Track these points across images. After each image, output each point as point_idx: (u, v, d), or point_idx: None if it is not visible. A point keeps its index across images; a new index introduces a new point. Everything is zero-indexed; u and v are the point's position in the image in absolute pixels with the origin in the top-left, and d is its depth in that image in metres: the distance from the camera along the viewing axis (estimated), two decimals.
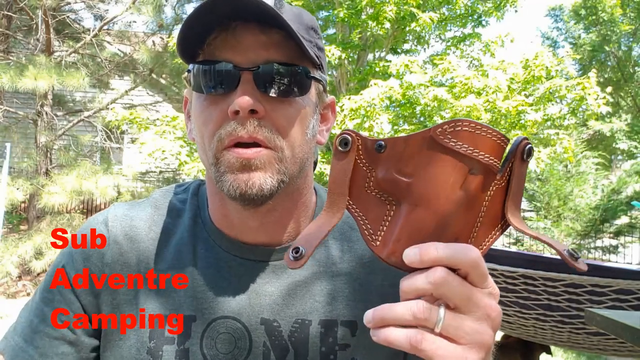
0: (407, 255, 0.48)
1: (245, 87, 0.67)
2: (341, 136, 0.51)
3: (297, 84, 0.70)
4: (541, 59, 6.54)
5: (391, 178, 0.51)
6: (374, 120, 6.09)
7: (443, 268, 0.47)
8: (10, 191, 6.57)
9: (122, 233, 0.78)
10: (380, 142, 0.51)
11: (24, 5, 7.29)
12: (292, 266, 0.49)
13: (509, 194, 0.52)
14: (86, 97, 9.35)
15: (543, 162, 6.58)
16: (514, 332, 3.01)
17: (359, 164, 0.52)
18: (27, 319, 0.77)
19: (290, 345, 0.74)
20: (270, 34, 0.68)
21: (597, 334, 2.50)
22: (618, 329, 1.61)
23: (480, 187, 0.50)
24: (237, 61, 0.68)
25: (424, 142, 0.49)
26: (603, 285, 2.32)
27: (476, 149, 0.48)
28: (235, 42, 0.68)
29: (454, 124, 0.48)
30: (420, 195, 0.49)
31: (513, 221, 0.53)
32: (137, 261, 0.76)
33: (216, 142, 0.69)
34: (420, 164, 0.49)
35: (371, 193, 0.52)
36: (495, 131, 0.49)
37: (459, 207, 0.49)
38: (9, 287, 6.69)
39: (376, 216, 0.52)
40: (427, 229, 0.49)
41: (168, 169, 8.83)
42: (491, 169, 0.50)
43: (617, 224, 9.44)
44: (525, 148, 0.52)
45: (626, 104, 20.01)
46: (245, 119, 0.67)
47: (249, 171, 0.68)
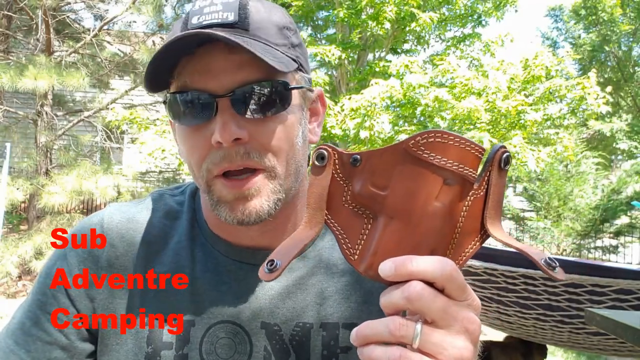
0: (382, 269, 0.47)
1: (224, 116, 0.64)
2: (318, 151, 0.51)
3: (277, 99, 0.67)
4: (541, 59, 6.54)
5: (367, 191, 0.50)
6: (374, 120, 6.09)
7: (419, 282, 0.46)
8: (10, 191, 6.57)
9: (118, 236, 0.76)
10: (356, 156, 0.50)
11: (24, 5, 7.29)
12: (266, 279, 0.49)
13: (487, 204, 0.52)
14: (86, 97, 9.35)
15: (543, 162, 6.57)
16: (514, 332, 3.01)
17: (336, 178, 0.51)
18: (20, 321, 0.76)
19: (292, 348, 0.73)
20: (240, 53, 0.64)
21: (597, 334, 2.50)
22: (618, 328, 1.60)
23: (456, 198, 0.50)
24: (211, 88, 0.65)
25: (398, 155, 0.49)
26: (603, 285, 2.32)
27: (450, 160, 0.48)
28: (205, 67, 0.66)
29: (427, 136, 0.48)
30: (395, 208, 0.49)
31: (492, 231, 0.52)
32: (134, 265, 0.75)
33: (205, 171, 0.67)
34: (395, 177, 0.49)
35: (349, 207, 0.52)
36: (469, 141, 0.48)
37: (435, 219, 0.49)
38: (9, 287, 6.69)
39: (354, 230, 0.52)
40: (404, 241, 0.49)
41: (168, 168, 8.83)
42: (467, 179, 0.49)
43: (617, 224, 9.44)
44: (502, 156, 0.51)
45: (626, 103, 20.01)
46: (231, 148, 0.65)
47: (244, 202, 0.67)
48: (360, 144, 6.40)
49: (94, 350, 0.76)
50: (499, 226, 0.53)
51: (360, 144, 6.42)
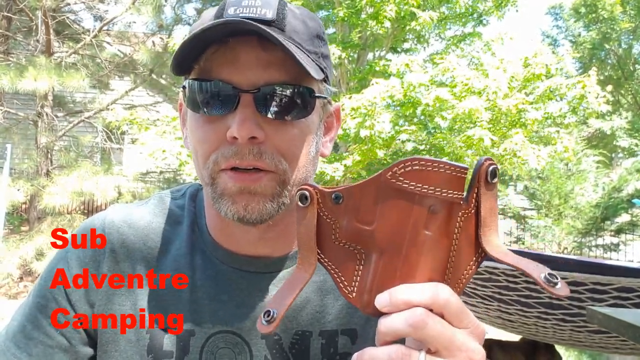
0: (378, 301, 0.47)
1: (244, 111, 0.63)
2: (300, 192, 0.50)
3: (299, 105, 0.66)
4: (541, 58, 6.54)
5: (354, 228, 0.49)
6: (374, 120, 6.09)
7: (422, 309, 0.45)
8: (11, 192, 6.58)
9: (120, 238, 0.76)
10: (338, 194, 0.49)
11: (24, 6, 7.30)
12: (264, 331, 0.48)
13: (480, 222, 0.49)
14: (86, 98, 9.35)
15: (544, 161, 6.57)
16: (516, 330, 3.01)
17: (322, 216, 0.50)
18: (20, 323, 0.75)
19: (292, 357, 0.72)
20: (272, 51, 0.63)
21: (599, 332, 2.50)
22: (620, 327, 1.60)
23: (445, 223, 0.48)
24: (236, 81, 0.64)
25: (378, 188, 0.48)
26: (604, 283, 2.32)
27: (431, 186, 0.46)
28: (234, 58, 0.64)
29: (404, 165, 0.47)
30: (384, 242, 0.48)
31: (489, 250, 0.49)
32: (132, 270, 0.74)
33: (212, 163, 0.66)
34: (379, 211, 0.48)
35: (339, 244, 0.51)
36: (449, 164, 0.47)
37: (427, 248, 0.47)
38: (10, 288, 6.69)
39: (348, 267, 0.50)
40: (397, 275, 0.47)
41: (169, 169, 8.83)
42: (454, 202, 0.48)
43: (618, 222, 9.44)
44: (488, 170, 0.49)
45: (626, 101, 20.00)
46: (245, 146, 0.63)
47: (248, 197, 0.65)
48: (361, 143, 6.40)
49: (94, 355, 0.75)
50: (496, 243, 0.50)
51: (361, 144, 6.42)
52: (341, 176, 6.71)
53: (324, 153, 0.77)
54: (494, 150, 6.30)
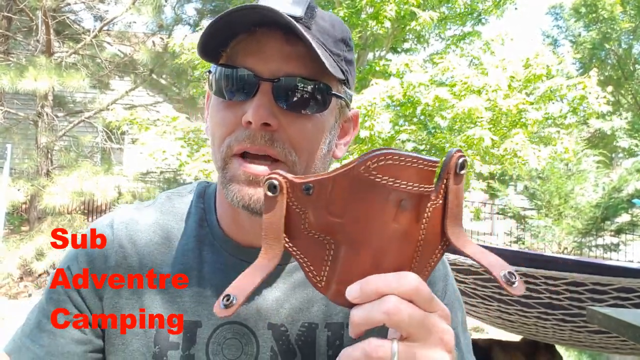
0: (349, 292, 0.47)
1: (262, 98, 0.66)
2: (268, 180, 0.49)
3: (316, 100, 0.68)
4: (542, 58, 6.54)
5: (324, 219, 0.49)
6: (374, 120, 6.09)
7: (395, 296, 0.46)
8: (11, 192, 6.58)
9: (127, 237, 0.78)
10: (308, 184, 0.49)
11: (24, 6, 7.30)
12: (221, 314, 0.49)
13: (446, 212, 0.50)
14: (86, 98, 9.35)
15: (544, 161, 6.57)
16: (516, 330, 3.01)
17: (292, 206, 0.50)
18: (36, 319, 0.77)
19: (298, 349, 0.73)
20: (294, 45, 0.66)
21: (599, 332, 2.50)
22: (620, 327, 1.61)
23: (414, 217, 0.49)
24: (258, 70, 0.67)
25: (350, 180, 0.48)
26: (604, 284, 2.32)
27: (403, 181, 0.47)
28: (258, 48, 0.67)
29: (377, 159, 0.46)
30: (353, 234, 0.48)
31: (453, 240, 0.50)
32: (140, 265, 0.76)
33: (225, 147, 0.69)
34: (349, 203, 0.48)
35: (309, 234, 0.51)
36: (421, 158, 0.47)
37: (395, 240, 0.48)
38: (10, 288, 6.69)
39: (317, 257, 0.51)
40: (366, 267, 0.48)
41: (169, 169, 8.83)
42: (423, 195, 0.48)
43: (618, 222, 9.44)
44: (458, 161, 0.50)
45: (627, 101, 19.99)
46: (257, 131, 0.66)
47: (255, 186, 0.67)
48: (361, 143, 6.40)
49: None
50: (461, 233, 0.51)
51: (361, 144, 6.42)
52: None
53: (337, 155, 0.78)
54: (495, 150, 6.30)
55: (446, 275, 0.85)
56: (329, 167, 0.81)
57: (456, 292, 0.86)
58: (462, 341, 0.83)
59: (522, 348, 3.18)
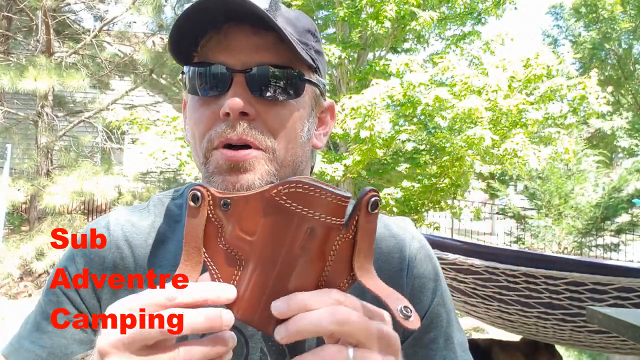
0: (275, 307, 0.48)
1: (236, 89, 0.67)
2: (192, 192, 0.51)
3: (290, 87, 0.70)
4: (542, 58, 6.54)
5: (236, 236, 0.51)
6: (374, 120, 6.09)
7: (343, 306, 0.47)
8: (11, 192, 6.58)
9: (123, 238, 0.79)
10: (226, 200, 0.51)
11: (24, 6, 7.30)
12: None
13: (355, 248, 0.51)
14: (86, 98, 9.35)
15: (544, 161, 6.57)
16: (516, 330, 3.01)
17: (211, 218, 0.52)
18: (34, 321, 0.78)
19: (287, 350, 0.74)
20: (263, 36, 0.68)
21: (599, 332, 2.50)
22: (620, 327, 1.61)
23: (320, 246, 0.49)
24: (230, 63, 0.68)
25: (263, 202, 0.49)
26: (604, 284, 2.32)
27: (311, 210, 0.48)
28: (228, 43, 0.69)
29: (289, 186, 0.48)
30: (261, 254, 0.50)
31: (360, 276, 0.51)
32: (135, 266, 0.77)
33: (206, 142, 0.70)
34: (260, 224, 0.50)
35: (223, 248, 0.52)
36: (331, 193, 0.48)
37: (300, 266, 0.49)
38: (10, 288, 6.70)
39: (228, 272, 0.52)
40: (268, 288, 0.49)
41: (169, 169, 8.83)
42: (331, 227, 0.49)
43: (618, 222, 9.44)
44: (370, 200, 0.50)
45: (627, 101, 19.99)
46: (236, 120, 0.67)
47: (237, 173, 0.68)
48: (361, 144, 6.40)
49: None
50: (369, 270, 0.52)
51: (361, 144, 6.42)
52: (341, 176, 6.71)
53: (317, 144, 0.80)
54: (495, 150, 6.30)
55: (436, 276, 0.85)
56: (312, 156, 0.82)
57: (447, 292, 0.86)
58: (456, 341, 0.83)
59: (522, 348, 3.18)
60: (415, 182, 6.84)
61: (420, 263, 0.83)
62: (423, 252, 0.84)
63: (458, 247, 2.65)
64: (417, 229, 0.92)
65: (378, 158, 6.75)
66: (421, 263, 0.83)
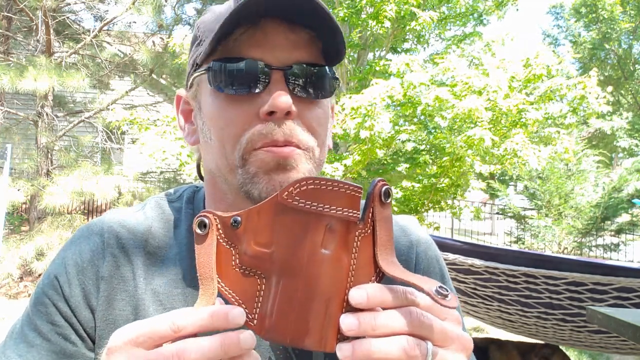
0: (346, 323, 0.47)
1: (279, 86, 0.64)
2: (198, 219, 0.49)
3: (325, 85, 0.68)
4: (542, 58, 6.54)
5: (253, 252, 0.49)
6: (374, 120, 6.09)
7: (416, 308, 0.48)
8: (12, 192, 6.58)
9: (119, 246, 0.74)
10: (236, 217, 0.49)
11: (24, 6, 7.30)
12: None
13: (376, 241, 0.50)
14: (86, 98, 9.36)
15: (544, 161, 6.56)
16: (516, 330, 3.01)
17: (222, 243, 0.50)
18: (21, 332, 0.73)
19: (295, 357, 0.72)
20: (299, 33, 0.66)
21: (599, 332, 2.51)
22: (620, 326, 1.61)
23: (342, 242, 0.48)
24: (267, 60, 0.65)
25: (275, 209, 0.48)
26: (604, 284, 2.32)
27: (327, 205, 0.47)
28: (264, 39, 0.65)
29: (299, 185, 0.47)
30: (283, 264, 0.48)
31: (386, 269, 0.50)
32: (133, 276, 0.73)
33: (245, 143, 0.65)
34: (276, 232, 0.48)
35: (239, 271, 0.50)
36: (343, 183, 0.47)
37: (325, 267, 0.47)
38: (10, 288, 6.70)
39: (249, 294, 0.50)
40: (297, 297, 0.47)
41: (169, 169, 8.83)
42: (350, 220, 0.48)
43: (618, 222, 9.44)
44: (382, 190, 0.50)
45: (627, 101, 19.99)
46: (282, 120, 0.64)
47: (284, 172, 0.65)
48: (361, 144, 6.40)
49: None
50: (393, 261, 0.51)
51: (361, 144, 6.42)
52: (341, 176, 6.71)
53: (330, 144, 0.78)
54: (495, 150, 6.29)
55: (442, 277, 0.84)
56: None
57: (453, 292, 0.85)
58: None
59: (519, 347, 3.18)
60: (415, 182, 6.84)
61: (427, 265, 0.82)
62: (429, 253, 0.83)
63: (458, 247, 2.66)
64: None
65: (378, 158, 6.75)
66: (428, 265, 0.82)
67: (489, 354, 3.12)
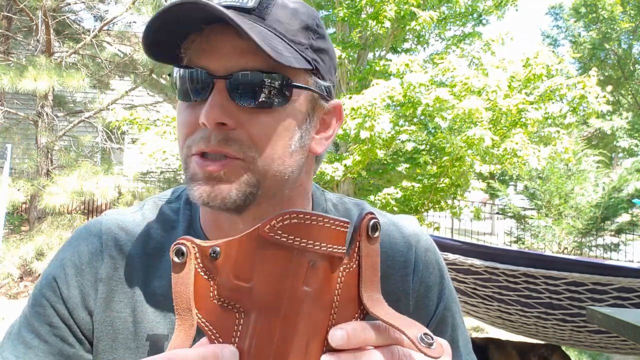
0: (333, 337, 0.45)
1: (216, 97, 0.64)
2: (175, 246, 0.47)
3: (275, 94, 0.65)
4: (542, 58, 6.54)
5: (232, 285, 0.46)
6: (374, 120, 6.09)
7: (396, 347, 0.46)
8: (11, 192, 6.58)
9: (117, 247, 0.74)
10: (215, 248, 0.46)
11: (24, 6, 7.30)
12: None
13: (361, 278, 0.48)
14: (86, 98, 9.36)
15: (544, 161, 6.57)
16: (516, 330, 3.01)
17: (200, 273, 0.47)
18: (19, 333, 0.72)
19: None
20: (248, 39, 0.61)
21: (599, 332, 2.51)
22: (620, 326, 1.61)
23: (325, 279, 0.46)
24: (212, 68, 0.65)
25: (256, 242, 0.45)
26: (604, 284, 2.32)
27: (310, 240, 0.44)
28: (210, 47, 0.65)
29: (282, 218, 0.44)
30: (262, 299, 0.45)
31: (371, 308, 0.47)
32: (131, 277, 0.73)
33: (186, 148, 0.67)
34: (257, 266, 0.45)
35: (218, 303, 0.47)
36: (328, 218, 0.45)
37: (306, 305, 0.45)
38: (10, 288, 6.70)
39: (226, 328, 0.47)
40: (276, 335, 0.45)
41: (169, 169, 8.83)
42: (334, 256, 0.46)
43: (618, 222, 9.44)
44: (369, 224, 0.48)
45: (627, 101, 19.99)
46: (211, 132, 0.64)
47: (212, 184, 0.65)
48: (361, 144, 6.40)
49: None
50: (379, 300, 0.49)
51: (361, 144, 6.42)
52: (341, 176, 6.71)
53: (315, 150, 0.74)
54: (495, 150, 6.30)
55: (441, 279, 0.82)
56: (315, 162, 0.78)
57: (453, 294, 0.84)
58: (461, 344, 0.82)
59: (519, 347, 3.18)
60: (415, 182, 6.84)
61: (425, 268, 0.80)
62: (429, 255, 0.82)
63: (458, 247, 2.66)
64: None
65: (378, 158, 6.75)
66: (427, 268, 0.80)
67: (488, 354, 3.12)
